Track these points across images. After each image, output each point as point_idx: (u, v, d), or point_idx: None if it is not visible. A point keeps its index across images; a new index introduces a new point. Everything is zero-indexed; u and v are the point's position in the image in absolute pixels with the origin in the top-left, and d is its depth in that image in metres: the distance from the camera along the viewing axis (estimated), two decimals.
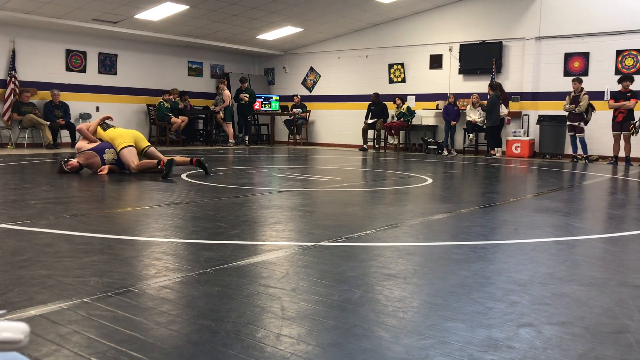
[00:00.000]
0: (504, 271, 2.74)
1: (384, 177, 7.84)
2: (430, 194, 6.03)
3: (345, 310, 2.10)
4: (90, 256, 2.87)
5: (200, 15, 12.72)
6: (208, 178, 6.78)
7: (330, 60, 16.11)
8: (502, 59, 13.20)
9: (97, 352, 1.68)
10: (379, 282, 2.50)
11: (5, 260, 2.75)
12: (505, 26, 13.14)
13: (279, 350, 1.72)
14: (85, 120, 13.08)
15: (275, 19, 13.49)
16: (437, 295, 2.34)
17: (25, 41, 12.38)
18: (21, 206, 4.43)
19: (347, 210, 4.75)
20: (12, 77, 12.02)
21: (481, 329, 1.94)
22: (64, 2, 11.01)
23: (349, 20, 14.31)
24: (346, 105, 15.82)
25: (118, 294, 2.24)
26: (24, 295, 2.21)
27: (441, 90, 14.13)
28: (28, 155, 9.87)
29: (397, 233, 3.70)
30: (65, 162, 6.84)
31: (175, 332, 1.87)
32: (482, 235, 3.66)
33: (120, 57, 14.13)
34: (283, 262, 2.84)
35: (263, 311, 2.09)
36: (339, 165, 9.57)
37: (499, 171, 9.08)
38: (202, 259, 2.85)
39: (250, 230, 3.71)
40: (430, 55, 14.32)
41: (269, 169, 8.76)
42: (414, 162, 10.56)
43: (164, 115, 13.84)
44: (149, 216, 4.19)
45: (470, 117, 13.09)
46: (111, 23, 12.61)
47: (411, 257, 3.04)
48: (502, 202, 5.33)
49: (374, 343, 1.80)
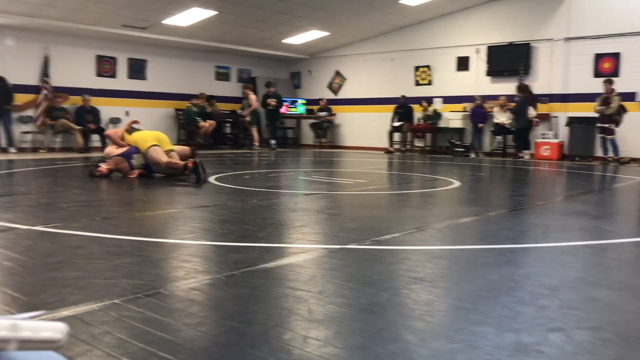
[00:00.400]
0: (532, 275, 2.71)
1: (410, 179, 7.81)
2: (458, 197, 5.98)
3: (372, 314, 2.10)
4: (121, 258, 2.92)
5: (228, 21, 12.85)
6: (236, 181, 6.83)
7: (356, 63, 16.11)
8: (530, 61, 13.03)
9: (127, 353, 1.72)
10: (406, 286, 2.50)
11: (39, 262, 2.82)
12: (533, 27, 12.98)
13: (306, 353, 1.74)
14: (115, 124, 13.32)
15: (301, 23, 13.55)
16: (464, 299, 2.32)
17: (58, 48, 12.65)
18: (54, 209, 4.53)
19: (374, 213, 4.75)
20: (46, 83, 12.30)
21: (510, 333, 1.93)
22: (95, 9, 11.23)
23: (375, 24, 14.30)
24: (372, 108, 15.80)
25: (148, 296, 2.28)
26: (57, 296, 2.27)
27: (468, 92, 14.01)
28: (60, 159, 10.08)
29: (424, 236, 3.69)
30: (96, 166, 6.97)
31: (204, 333, 1.90)
32: (510, 239, 3.63)
33: (149, 63, 14.34)
34: (310, 265, 2.85)
35: (290, 313, 2.10)
36: (365, 168, 9.55)
37: (528, 174, 8.96)
38: (229, 261, 2.88)
39: (277, 233, 3.74)
40: (457, 58, 14.21)
41: (295, 172, 8.79)
42: (441, 165, 10.48)
43: (192, 120, 14.00)
44: (177, 219, 4.25)
45: (498, 119, 12.95)
46: (140, 29, 12.82)
47: (438, 260, 3.02)
48: (530, 205, 5.26)
49: (401, 346, 1.80)
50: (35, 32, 12.15)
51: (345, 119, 16.35)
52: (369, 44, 15.66)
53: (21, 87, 12.00)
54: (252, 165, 9.92)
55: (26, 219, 4.00)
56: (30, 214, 4.26)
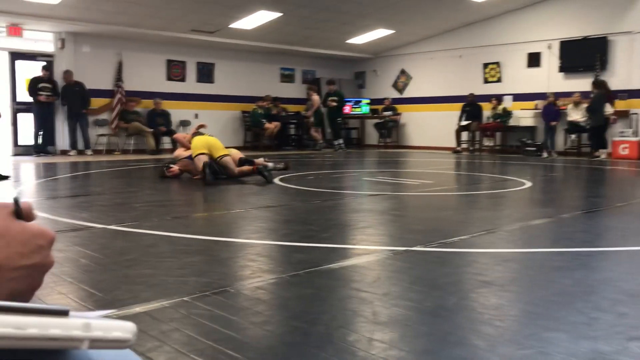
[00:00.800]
0: (610, 280, 2.58)
1: (479, 180, 7.62)
2: (529, 198, 5.78)
3: (439, 317, 2.06)
4: (190, 257, 2.99)
5: (292, 22, 12.97)
6: (300, 182, 6.88)
7: (421, 61, 15.89)
8: (606, 55, 12.44)
9: (196, 350, 1.75)
10: (474, 289, 2.43)
11: (113, 260, 2.93)
12: (609, 20, 12.38)
13: (370, 355, 1.71)
14: (185, 127, 13.73)
15: (366, 22, 13.51)
16: (536, 303, 2.23)
17: (131, 53, 13.17)
18: (127, 209, 4.71)
19: (440, 214, 4.66)
20: (119, 88, 12.83)
21: (585, 340, 1.83)
22: (165, 14, 11.62)
23: (441, 21, 14.06)
24: (438, 107, 15.53)
25: (215, 294, 2.32)
26: (130, 293, 2.35)
27: (540, 89, 13.54)
28: (133, 161, 10.48)
29: (494, 239, 3.58)
30: (167, 167, 7.20)
31: (270, 332, 1.91)
32: (585, 242, 3.46)
33: (217, 66, 14.69)
34: (374, 267, 2.82)
35: (355, 315, 2.09)
36: (432, 168, 9.40)
37: (604, 174, 8.56)
38: (294, 261, 2.90)
39: (340, 234, 3.73)
40: (527, 54, 13.76)
41: (359, 172, 8.77)
42: (511, 165, 10.18)
43: (257, 122, 14.24)
44: (244, 219, 4.32)
45: (572, 117, 12.43)
46: (208, 33, 13.15)
47: (508, 263, 2.92)
48: (607, 207, 5.01)
49: (468, 351, 1.75)
50: (109, 38, 12.70)
51: (411, 118, 16.16)
52: (435, 42, 15.41)
53: (97, 91, 12.57)
54: (316, 166, 9.97)
55: (101, 218, 4.18)
56: (105, 214, 4.45)
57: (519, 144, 13.54)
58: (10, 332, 0.48)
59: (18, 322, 0.49)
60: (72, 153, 12.01)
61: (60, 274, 2.63)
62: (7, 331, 0.48)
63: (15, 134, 12.16)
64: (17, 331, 0.48)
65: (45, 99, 11.54)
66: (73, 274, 2.65)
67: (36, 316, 0.50)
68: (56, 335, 0.50)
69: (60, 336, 0.50)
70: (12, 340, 0.48)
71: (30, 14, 10.79)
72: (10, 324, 0.48)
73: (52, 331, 0.50)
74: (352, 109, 15.94)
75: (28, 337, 0.49)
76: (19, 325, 0.48)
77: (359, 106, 16.08)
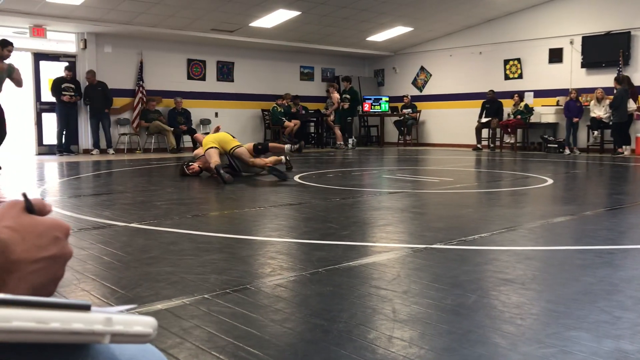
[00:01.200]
0: (634, 279, 2.54)
1: (499, 177, 7.55)
2: (551, 196, 5.72)
3: (459, 315, 2.05)
4: (211, 254, 3.02)
5: (312, 21, 12.98)
6: (319, 180, 6.89)
7: (441, 58, 15.78)
8: (630, 50, 12.23)
9: (216, 347, 1.77)
10: (495, 287, 2.41)
11: (135, 257, 2.97)
12: (633, 14, 12.17)
13: (390, 353, 1.71)
14: (205, 125, 13.82)
15: (385, 19, 13.46)
16: (558, 302, 2.21)
17: (151, 53, 13.29)
18: (148, 207, 4.76)
19: (461, 212, 4.63)
20: (140, 87, 12.96)
21: (608, 339, 1.81)
22: (185, 14, 11.70)
23: (461, 17, 13.95)
24: (458, 104, 15.42)
25: (236, 291, 2.34)
26: (151, 290, 2.37)
27: (561, 85, 13.36)
28: (154, 159, 10.58)
29: (515, 236, 3.55)
30: (187, 165, 7.27)
31: (290, 330, 1.92)
32: (609, 240, 3.42)
33: (236, 65, 14.75)
34: (394, 264, 2.82)
35: (374, 312, 2.09)
36: (452, 165, 9.34)
37: (628, 171, 8.42)
38: (314, 259, 2.90)
39: (360, 232, 3.73)
40: (549, 50, 13.58)
41: (379, 170, 8.74)
42: (533, 162, 10.07)
43: (277, 120, 14.27)
44: (264, 216, 4.34)
45: (595, 113, 12.25)
46: (228, 32, 13.21)
47: (530, 261, 2.90)
48: (631, 204, 4.93)
49: (489, 350, 1.74)
50: (131, 38, 12.83)
51: (431, 116, 16.06)
52: (454, 38, 15.30)
53: (118, 91, 12.71)
54: (336, 163, 9.96)
55: (123, 216, 4.23)
56: (126, 212, 4.50)
57: (541, 140, 13.39)
58: (33, 326, 0.49)
59: (41, 316, 0.49)
60: (94, 152, 12.17)
61: (83, 271, 2.67)
62: (30, 325, 0.49)
63: (39, 134, 12.36)
64: (40, 325, 0.49)
65: (68, 99, 11.71)
66: (96, 272, 2.69)
67: (58, 311, 0.51)
68: (78, 330, 0.51)
69: (83, 330, 0.51)
70: (35, 335, 0.49)
71: (53, 15, 10.95)
72: (33, 319, 0.49)
73: (74, 325, 0.51)
74: (371, 107, 15.89)
75: (51, 332, 0.50)
76: (42, 319, 0.49)
77: (378, 104, 16.01)
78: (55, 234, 0.59)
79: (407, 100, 15.70)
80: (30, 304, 0.50)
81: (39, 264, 0.57)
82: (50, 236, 0.59)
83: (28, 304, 0.50)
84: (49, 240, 0.59)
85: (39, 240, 0.57)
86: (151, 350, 0.65)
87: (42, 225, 0.59)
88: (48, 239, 0.58)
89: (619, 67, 12.14)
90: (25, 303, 0.50)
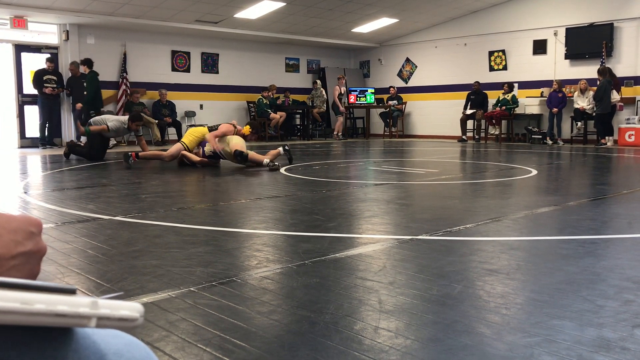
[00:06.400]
0: (616, 268, 2.57)
1: (484, 169, 7.60)
2: (535, 186, 5.77)
3: (445, 305, 2.06)
4: (196, 247, 3.01)
5: (297, 12, 12.92)
6: (305, 172, 6.89)
7: (426, 50, 15.81)
8: (613, 42, 12.34)
9: (203, 339, 1.76)
10: (480, 278, 2.43)
11: (120, 251, 2.95)
12: (616, 6, 12.27)
13: (377, 343, 1.72)
14: (190, 117, 13.73)
15: (370, 11, 13.44)
16: (542, 291, 2.23)
17: (135, 44, 13.16)
18: (133, 200, 4.73)
19: (446, 203, 4.65)
20: (124, 79, 12.83)
21: (591, 328, 1.83)
22: (169, 5, 11.59)
23: (446, 9, 13.97)
24: (444, 96, 15.47)
25: (222, 284, 2.33)
26: (136, 284, 2.36)
27: (546, 77, 13.46)
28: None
29: (500, 227, 3.58)
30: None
31: (276, 321, 1.92)
32: (591, 230, 3.46)
33: (221, 56, 14.66)
34: (380, 256, 2.83)
35: (361, 304, 2.10)
36: (437, 157, 9.38)
37: (611, 161, 8.52)
38: (300, 251, 2.91)
39: (346, 223, 3.73)
40: (533, 41, 13.67)
41: (365, 162, 8.76)
42: (517, 153, 10.14)
43: (263, 112, 14.23)
44: (250, 209, 4.33)
45: (578, 104, 12.36)
46: (212, 23, 13.12)
47: (514, 252, 2.92)
48: (614, 195, 5.00)
49: (475, 339, 1.75)
50: (114, 29, 12.68)
51: (416, 108, 16.11)
52: (440, 30, 15.33)
53: (102, 83, 12.53)
54: (322, 155, 9.96)
55: (108, 210, 4.20)
56: (111, 205, 4.46)
57: (525, 132, 13.49)
58: (17, 306, 0.48)
59: (25, 297, 0.49)
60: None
61: (68, 265, 2.65)
62: (14, 306, 0.48)
63: (21, 127, 12.20)
64: (24, 306, 0.48)
65: (50, 92, 11.56)
66: (80, 265, 2.67)
67: (43, 293, 0.50)
68: (63, 312, 0.50)
69: (68, 312, 0.51)
70: (19, 316, 0.48)
71: (34, 6, 10.79)
72: (18, 299, 0.48)
73: (59, 307, 0.50)
74: (357, 99, 15.89)
75: (35, 313, 0.49)
76: (26, 300, 0.49)
77: (364, 95, 16.01)
78: (30, 229, 0.59)
79: (392, 91, 15.71)
80: (15, 286, 0.49)
81: (16, 260, 0.57)
82: (26, 231, 0.58)
83: (13, 285, 0.49)
84: (25, 235, 0.58)
85: (14, 236, 0.57)
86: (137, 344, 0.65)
87: (15, 221, 0.58)
88: (23, 234, 0.58)
89: (602, 59, 12.24)
90: (9, 285, 0.49)
